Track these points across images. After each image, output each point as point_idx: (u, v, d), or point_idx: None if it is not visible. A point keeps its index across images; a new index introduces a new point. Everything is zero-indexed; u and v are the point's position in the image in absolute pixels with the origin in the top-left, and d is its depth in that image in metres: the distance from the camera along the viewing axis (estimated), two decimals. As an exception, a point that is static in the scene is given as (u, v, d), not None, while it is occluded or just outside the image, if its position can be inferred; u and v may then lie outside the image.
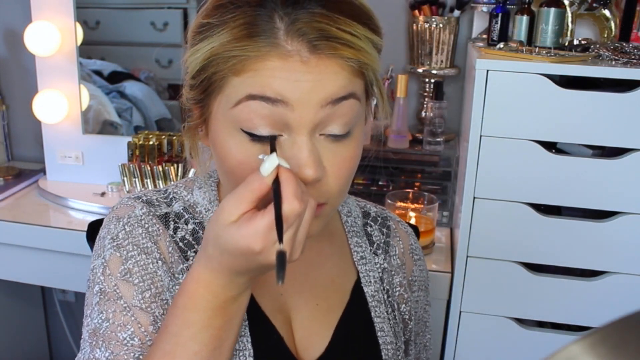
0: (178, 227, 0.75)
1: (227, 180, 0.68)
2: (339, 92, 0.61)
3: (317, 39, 0.59)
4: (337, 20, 0.60)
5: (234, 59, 0.60)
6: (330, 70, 0.60)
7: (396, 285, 0.86)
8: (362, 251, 0.84)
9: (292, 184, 0.56)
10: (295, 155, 0.61)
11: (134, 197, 0.77)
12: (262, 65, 0.59)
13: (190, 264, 0.73)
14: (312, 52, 0.59)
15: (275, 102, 0.59)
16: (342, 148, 0.64)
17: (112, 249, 0.71)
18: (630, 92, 1.16)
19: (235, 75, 0.61)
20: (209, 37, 0.62)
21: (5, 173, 1.83)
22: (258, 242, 0.56)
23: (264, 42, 0.59)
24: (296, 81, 0.59)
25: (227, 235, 0.57)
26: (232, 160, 0.64)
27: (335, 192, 0.66)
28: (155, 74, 1.96)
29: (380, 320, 0.81)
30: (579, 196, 1.23)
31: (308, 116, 0.60)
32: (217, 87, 0.63)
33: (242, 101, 0.61)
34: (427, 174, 1.62)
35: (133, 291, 0.69)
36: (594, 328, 0.33)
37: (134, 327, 0.67)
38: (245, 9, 0.60)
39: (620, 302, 1.26)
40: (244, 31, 0.60)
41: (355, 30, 0.61)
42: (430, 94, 1.72)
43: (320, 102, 0.60)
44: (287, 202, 0.55)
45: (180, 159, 1.66)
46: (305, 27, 0.59)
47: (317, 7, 0.60)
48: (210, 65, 0.62)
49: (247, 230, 0.56)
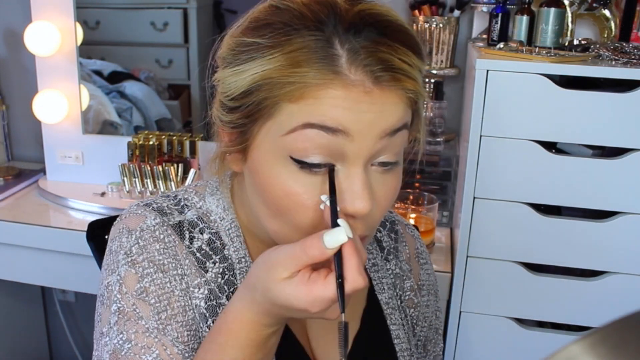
0: (194, 236, 0.72)
1: (267, 210, 0.65)
2: (397, 123, 0.60)
3: (381, 69, 0.57)
4: (397, 50, 0.58)
5: (290, 85, 0.57)
6: (391, 102, 0.58)
7: (407, 290, 0.85)
8: (374, 258, 0.83)
9: (356, 258, 0.54)
10: (349, 187, 0.59)
11: (143, 204, 0.73)
12: (323, 94, 0.57)
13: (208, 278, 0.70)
14: (375, 83, 0.57)
15: (336, 132, 0.57)
16: (389, 178, 0.63)
17: (126, 265, 0.68)
18: (630, 92, 1.16)
19: (291, 102, 0.58)
20: (258, 59, 0.59)
21: (5, 173, 1.83)
22: (315, 307, 0.55)
23: (326, 69, 0.56)
24: (359, 112, 0.57)
25: (279, 291, 0.56)
26: (278, 191, 0.61)
27: (377, 223, 0.66)
28: (155, 74, 1.96)
29: (395, 328, 0.80)
30: (579, 196, 1.23)
31: (367, 148, 0.59)
32: (267, 114, 0.60)
33: (297, 129, 0.58)
34: (427, 174, 1.62)
35: (150, 311, 0.66)
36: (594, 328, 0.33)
37: (159, 350, 0.65)
38: (302, 31, 0.57)
39: (620, 302, 1.26)
40: (302, 56, 0.57)
41: (412, 60, 0.59)
42: (430, 94, 1.72)
43: (380, 134, 0.59)
44: (350, 280, 0.54)
45: (180, 159, 1.66)
46: (369, 57, 0.57)
47: (376, 34, 0.58)
48: (260, 89, 0.59)
49: (305, 295, 0.55)
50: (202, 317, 0.69)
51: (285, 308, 0.56)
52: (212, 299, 0.70)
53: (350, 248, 0.55)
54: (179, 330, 0.67)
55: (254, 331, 0.59)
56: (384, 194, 0.63)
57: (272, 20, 0.59)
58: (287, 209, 0.61)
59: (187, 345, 0.67)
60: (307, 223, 0.61)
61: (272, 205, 0.63)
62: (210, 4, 1.92)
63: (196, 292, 0.69)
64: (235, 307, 0.60)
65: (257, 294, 0.58)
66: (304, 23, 0.58)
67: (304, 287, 0.55)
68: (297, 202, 0.60)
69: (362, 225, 0.62)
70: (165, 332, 0.66)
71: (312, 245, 0.55)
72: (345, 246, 0.55)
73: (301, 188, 0.60)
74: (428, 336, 0.89)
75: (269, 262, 0.57)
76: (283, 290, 0.55)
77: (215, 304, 0.70)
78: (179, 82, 1.99)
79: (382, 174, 0.62)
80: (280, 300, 0.56)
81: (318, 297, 0.54)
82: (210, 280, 0.70)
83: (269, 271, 0.56)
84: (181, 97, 1.98)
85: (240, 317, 0.60)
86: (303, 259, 0.55)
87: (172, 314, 0.67)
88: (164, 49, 1.95)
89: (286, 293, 0.55)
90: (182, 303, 0.68)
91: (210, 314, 0.69)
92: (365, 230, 0.63)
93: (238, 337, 0.59)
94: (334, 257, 0.55)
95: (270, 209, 0.64)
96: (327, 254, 0.54)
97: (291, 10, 0.59)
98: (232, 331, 0.60)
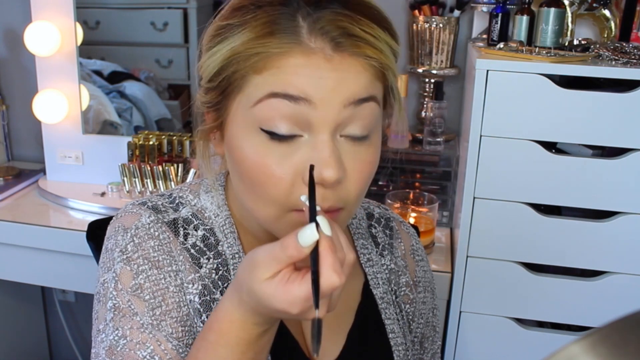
0: (188, 233, 0.73)
1: (243, 185, 0.66)
2: (362, 92, 0.61)
3: (340, 36, 0.59)
4: (359, 21, 0.60)
5: (255, 57, 0.59)
6: (354, 70, 0.60)
7: (402, 286, 0.86)
8: (369, 253, 0.84)
9: (331, 256, 0.54)
10: (316, 155, 0.60)
11: (138, 203, 0.74)
12: (285, 62, 0.59)
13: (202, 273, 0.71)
14: (336, 49, 0.59)
15: (298, 100, 0.59)
16: (361, 151, 0.64)
17: (122, 263, 0.69)
18: (630, 92, 1.16)
19: (257, 73, 0.60)
20: (229, 38, 0.61)
21: (5, 173, 1.83)
22: (294, 308, 0.54)
23: (287, 39, 0.58)
24: (320, 78, 0.58)
25: (261, 292, 0.55)
26: (249, 162, 0.63)
27: (353, 197, 0.65)
28: (155, 74, 1.96)
29: (390, 322, 0.81)
30: (579, 196, 1.23)
31: (331, 115, 0.60)
32: (237, 87, 0.62)
33: (263, 99, 0.60)
34: (427, 174, 1.62)
35: (144, 307, 0.67)
36: (594, 328, 0.33)
37: (154, 345, 0.66)
38: (266, 8, 0.60)
39: (620, 302, 1.26)
40: (266, 29, 0.59)
41: (376, 32, 0.61)
42: (430, 94, 1.72)
43: (343, 101, 0.60)
44: (325, 276, 0.53)
45: (180, 159, 1.66)
46: (328, 25, 0.59)
47: (339, 7, 0.60)
48: (230, 64, 0.61)
49: (284, 295, 0.54)
50: (197, 313, 0.70)
51: (269, 309, 0.56)
52: (206, 294, 0.71)
53: (326, 245, 0.54)
54: (173, 326, 0.68)
55: (243, 330, 0.59)
56: (356, 167, 0.63)
57: (245, 3, 0.62)
58: (260, 180, 0.62)
59: (181, 341, 0.68)
60: (279, 194, 0.62)
61: (246, 179, 0.64)
62: (210, 4, 1.92)
63: (190, 287, 0.70)
64: (224, 306, 0.61)
65: (244, 294, 0.58)
66: (270, 1, 0.60)
67: (282, 287, 0.54)
68: (267, 172, 0.61)
69: (334, 196, 0.62)
70: (159, 327, 0.67)
71: (289, 244, 0.54)
72: (321, 243, 0.54)
73: (272, 159, 0.61)
74: (425, 333, 0.90)
75: (253, 263, 0.57)
76: (265, 291, 0.55)
77: (209, 299, 0.71)
78: (179, 82, 1.99)
79: (352, 146, 0.63)
80: (263, 301, 0.56)
81: (296, 297, 0.54)
82: (204, 276, 0.71)
83: (252, 272, 0.56)
84: (181, 97, 1.98)
85: (229, 316, 0.60)
86: (283, 258, 0.55)
87: (166, 310, 0.68)
88: (164, 49, 1.95)
89: (267, 294, 0.55)
90: (177, 299, 0.69)
91: (204, 309, 0.70)
92: (338, 202, 0.63)
93: (228, 336, 0.60)
94: (311, 255, 0.54)
95: (245, 182, 0.65)
96: (303, 252, 0.54)
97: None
98: (222, 330, 0.60)
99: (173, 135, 1.69)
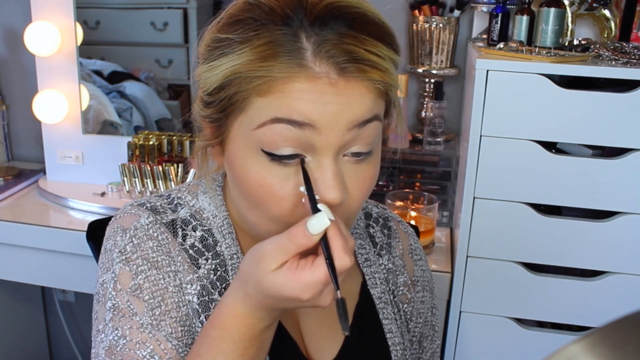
0: (186, 234, 0.73)
1: (246, 202, 0.66)
2: (366, 114, 0.60)
3: (345, 61, 0.58)
4: (364, 42, 0.59)
5: (258, 80, 0.58)
6: (358, 93, 0.59)
7: (400, 285, 0.86)
8: (366, 253, 0.84)
9: (341, 238, 0.56)
10: (319, 177, 0.60)
11: (137, 204, 0.75)
12: (289, 87, 0.58)
13: (201, 274, 0.71)
14: (340, 74, 0.58)
15: (303, 125, 0.58)
16: (363, 168, 0.64)
17: (121, 263, 0.69)
18: (630, 92, 1.16)
19: (260, 96, 0.59)
20: (229, 54, 0.60)
21: (5, 173, 1.83)
22: (306, 294, 0.56)
23: (291, 63, 0.57)
24: (324, 104, 0.58)
25: (269, 282, 0.57)
26: (252, 181, 0.62)
27: (355, 211, 0.66)
28: (155, 74, 1.96)
29: (388, 322, 0.81)
30: (579, 196, 1.24)
31: (335, 139, 0.59)
32: (239, 108, 0.61)
33: (266, 123, 0.59)
34: (427, 174, 1.62)
35: (144, 308, 0.67)
36: (594, 328, 0.33)
37: (154, 345, 0.66)
38: (270, 26, 0.58)
39: (620, 302, 1.26)
40: (269, 50, 0.58)
41: (380, 51, 0.60)
42: (430, 94, 1.72)
43: (347, 125, 0.59)
44: (338, 258, 0.55)
45: (180, 159, 1.66)
46: (334, 48, 0.57)
47: (343, 27, 0.58)
48: (231, 84, 0.60)
49: (295, 282, 0.56)
50: (195, 313, 0.70)
51: (278, 299, 0.57)
52: (204, 294, 0.71)
53: (334, 229, 0.56)
54: (172, 326, 0.68)
55: (246, 325, 0.60)
56: (358, 185, 0.64)
57: (244, 16, 0.60)
58: (262, 200, 0.62)
59: (180, 341, 0.68)
60: (282, 213, 0.63)
61: (248, 196, 0.65)
62: (210, 4, 1.92)
63: (189, 288, 0.71)
64: (228, 302, 0.61)
65: (249, 288, 0.59)
66: (272, 18, 0.59)
67: (292, 274, 0.56)
68: (271, 193, 0.62)
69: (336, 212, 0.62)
70: (159, 327, 0.67)
71: (298, 233, 0.56)
72: (328, 229, 0.56)
73: (274, 179, 0.61)
74: (423, 332, 0.90)
75: (258, 255, 0.58)
76: (274, 281, 0.56)
77: (207, 299, 0.71)
78: (179, 82, 1.99)
79: (354, 164, 0.63)
80: (273, 292, 0.57)
81: (308, 282, 0.55)
82: (202, 277, 0.72)
83: (259, 264, 0.57)
84: (181, 97, 1.98)
85: (233, 311, 0.60)
86: (291, 248, 0.56)
87: (165, 310, 0.68)
88: (164, 49, 1.95)
89: (277, 283, 0.56)
90: (176, 299, 0.69)
91: (202, 309, 0.71)
92: (342, 218, 0.63)
93: (231, 331, 0.60)
94: (321, 241, 0.56)
95: (248, 200, 0.65)
96: (313, 240, 0.56)
97: (261, 6, 0.60)
98: (225, 325, 0.61)
99: (173, 135, 1.69)
